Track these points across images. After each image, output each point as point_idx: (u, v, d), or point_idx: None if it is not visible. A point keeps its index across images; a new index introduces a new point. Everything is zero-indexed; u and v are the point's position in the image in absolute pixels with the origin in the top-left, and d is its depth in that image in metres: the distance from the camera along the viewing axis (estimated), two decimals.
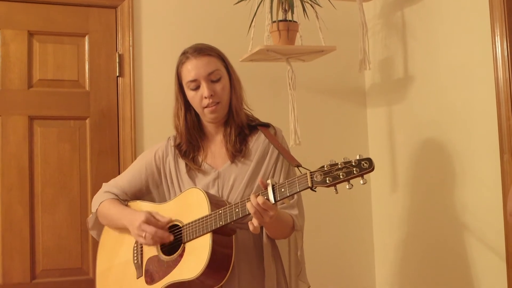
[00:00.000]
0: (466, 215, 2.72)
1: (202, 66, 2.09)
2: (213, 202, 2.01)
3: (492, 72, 2.54)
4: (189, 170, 2.18)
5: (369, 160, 1.71)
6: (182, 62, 2.14)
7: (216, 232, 1.95)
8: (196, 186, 2.12)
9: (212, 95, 2.08)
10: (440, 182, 2.88)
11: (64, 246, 2.93)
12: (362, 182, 1.71)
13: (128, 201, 2.26)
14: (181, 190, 2.17)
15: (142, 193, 2.27)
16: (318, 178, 1.74)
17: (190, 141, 2.19)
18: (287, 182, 1.80)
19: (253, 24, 2.87)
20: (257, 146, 2.15)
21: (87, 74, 3.03)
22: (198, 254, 1.95)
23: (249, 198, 1.85)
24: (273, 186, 1.82)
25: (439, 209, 2.87)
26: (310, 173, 1.76)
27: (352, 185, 1.73)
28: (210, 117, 2.13)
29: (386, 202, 3.28)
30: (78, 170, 2.98)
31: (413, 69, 3.05)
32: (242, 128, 2.17)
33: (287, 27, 2.81)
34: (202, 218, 1.98)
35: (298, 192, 1.79)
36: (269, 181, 1.83)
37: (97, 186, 2.46)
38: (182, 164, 2.19)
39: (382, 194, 3.31)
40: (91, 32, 3.04)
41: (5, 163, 2.88)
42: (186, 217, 2.04)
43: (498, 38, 2.50)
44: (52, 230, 2.92)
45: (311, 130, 3.24)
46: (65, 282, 2.92)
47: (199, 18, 3.17)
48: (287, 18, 2.82)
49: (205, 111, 2.12)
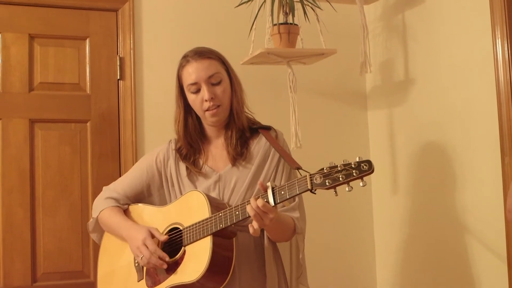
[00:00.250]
0: (467, 217, 2.71)
1: (203, 69, 2.09)
2: (213, 205, 2.01)
3: (493, 73, 2.54)
4: (189, 174, 2.18)
5: (368, 162, 1.70)
6: (182, 65, 2.14)
7: (216, 235, 1.95)
8: (196, 189, 2.12)
9: (212, 98, 2.08)
10: (441, 183, 2.87)
11: (65, 249, 2.93)
12: (361, 184, 1.70)
13: (129, 204, 2.26)
14: (181, 193, 2.17)
15: (143, 196, 2.27)
16: (318, 180, 1.74)
17: (191, 144, 2.19)
18: (287, 184, 1.80)
19: (254, 27, 2.87)
20: (258, 149, 2.15)
21: (88, 77, 3.03)
22: (198, 257, 1.95)
23: (249, 201, 1.85)
24: (273, 188, 1.82)
25: (440, 210, 2.87)
26: (310, 175, 1.76)
27: (351, 187, 1.73)
28: (211, 120, 2.13)
29: (387, 204, 3.28)
30: (79, 173, 2.98)
31: (414, 71, 3.05)
32: (243, 131, 2.16)
33: (288, 30, 2.81)
34: (203, 221, 1.97)
35: (297, 194, 1.79)
36: (269, 183, 1.83)
37: (98, 189, 2.46)
38: (183, 167, 2.19)
39: (383, 195, 3.30)
40: (92, 35, 3.05)
41: (6, 166, 2.88)
42: (186, 220, 2.04)
43: (499, 40, 2.50)
44: (53, 233, 2.92)
45: (312, 133, 3.24)
46: (66, 285, 2.91)
47: (200, 21, 3.17)
48: (288, 21, 2.82)
49: (206, 115, 2.12)
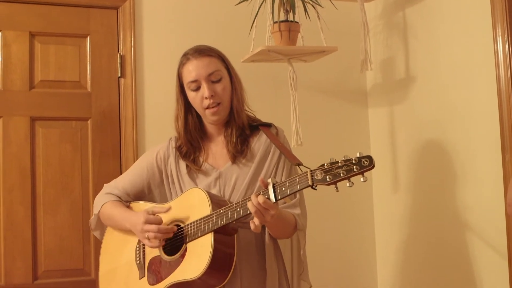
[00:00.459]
0: (467, 215, 2.71)
1: (203, 67, 2.09)
2: (214, 201, 2.01)
3: (493, 71, 2.53)
4: (189, 171, 2.18)
5: (369, 157, 1.70)
6: (183, 63, 2.14)
7: (217, 231, 1.95)
8: (197, 186, 2.12)
9: (212, 96, 2.08)
10: (441, 181, 2.87)
11: (65, 247, 2.93)
12: (362, 180, 1.70)
13: (129, 202, 2.26)
14: (182, 190, 2.16)
15: (143, 193, 2.27)
16: (319, 176, 1.74)
17: (191, 142, 2.19)
18: (288, 181, 1.80)
19: (254, 24, 2.87)
20: (258, 146, 2.15)
21: (89, 75, 3.03)
22: (200, 254, 1.95)
23: (250, 197, 1.85)
24: (273, 185, 1.82)
25: (441, 208, 2.87)
26: (311, 171, 1.76)
27: (352, 183, 1.72)
28: (211, 119, 2.13)
29: (387, 202, 3.28)
30: (79, 171, 2.98)
31: (414, 69, 3.05)
32: (243, 129, 2.16)
33: (289, 28, 2.81)
34: (204, 218, 1.97)
35: (298, 190, 1.79)
36: (269, 180, 1.83)
37: (98, 187, 2.46)
38: (183, 165, 2.19)
39: (383, 194, 3.30)
40: (93, 33, 3.04)
41: (6, 164, 2.88)
42: (187, 217, 2.04)
43: (500, 37, 2.50)
44: (53, 231, 2.92)
45: (313, 131, 3.24)
46: (67, 283, 2.91)
47: (201, 18, 3.17)
48: (289, 19, 2.82)
49: (206, 113, 2.12)
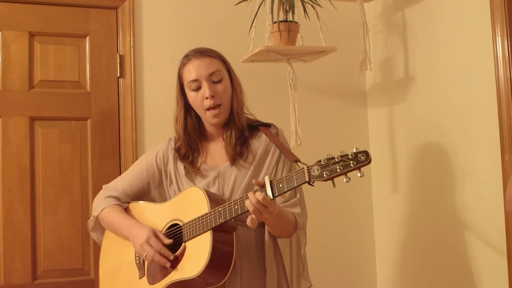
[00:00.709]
0: (467, 215, 2.71)
1: (204, 67, 2.09)
2: (212, 200, 2.01)
3: (493, 72, 2.54)
4: (187, 172, 2.18)
5: (365, 152, 1.71)
6: (183, 63, 2.14)
7: (216, 230, 1.95)
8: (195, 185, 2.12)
9: (213, 96, 2.08)
10: (441, 181, 2.87)
11: (65, 247, 2.93)
12: (359, 175, 1.71)
13: (129, 202, 2.26)
14: (180, 191, 2.16)
15: (143, 193, 2.27)
16: (316, 172, 1.74)
17: (190, 144, 2.18)
18: (285, 177, 1.80)
19: (254, 24, 2.87)
20: (258, 146, 2.15)
21: (88, 75, 3.03)
22: (199, 252, 1.95)
23: (247, 195, 1.85)
24: (271, 182, 1.82)
25: (440, 208, 2.87)
26: (307, 167, 1.76)
27: (349, 178, 1.73)
28: (212, 121, 2.13)
29: (387, 202, 3.28)
30: (79, 171, 2.98)
31: (414, 69, 3.05)
32: (242, 131, 2.16)
33: (288, 28, 2.81)
34: (202, 216, 1.98)
35: (296, 187, 1.79)
36: (266, 177, 1.83)
37: (98, 187, 2.46)
38: (181, 166, 2.19)
39: (383, 194, 3.31)
40: (92, 33, 3.05)
41: (6, 164, 2.88)
42: (186, 216, 2.04)
43: (499, 37, 2.50)
44: (53, 231, 2.92)
45: (312, 131, 3.24)
46: (66, 282, 2.91)
47: (200, 18, 3.17)
48: (288, 19, 2.82)
49: (207, 114, 2.11)
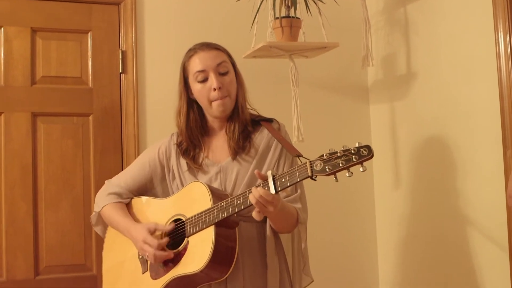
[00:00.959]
0: (469, 211, 2.71)
1: (211, 58, 2.09)
2: (215, 195, 2.01)
3: (495, 68, 2.53)
4: (190, 168, 2.18)
5: (368, 147, 1.71)
6: (189, 56, 2.14)
7: (219, 225, 1.95)
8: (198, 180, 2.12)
9: (220, 88, 2.08)
10: (442, 178, 2.87)
11: (67, 243, 2.93)
12: (361, 169, 1.71)
13: (131, 198, 2.26)
14: (183, 186, 2.16)
15: (146, 189, 2.27)
16: (318, 167, 1.74)
17: (191, 139, 2.18)
18: (287, 172, 1.81)
19: (256, 20, 2.87)
20: (260, 140, 2.15)
21: (90, 70, 3.03)
22: (201, 247, 1.95)
23: (250, 189, 1.86)
24: (273, 176, 1.83)
25: (442, 204, 2.87)
26: (310, 162, 1.76)
27: (352, 173, 1.73)
28: (217, 111, 2.11)
29: (389, 198, 3.28)
30: (81, 167, 2.98)
31: (416, 65, 3.05)
32: (245, 125, 2.16)
33: (290, 24, 2.81)
34: (205, 211, 1.98)
35: (298, 181, 1.80)
36: (269, 172, 1.84)
37: (100, 183, 2.46)
38: (184, 162, 2.19)
39: (385, 190, 3.31)
40: (94, 28, 3.05)
41: (8, 160, 2.88)
42: (189, 211, 2.04)
43: (501, 33, 2.50)
44: (55, 227, 2.92)
45: (314, 127, 3.24)
46: (68, 278, 2.92)
47: (202, 14, 3.17)
48: (290, 15, 2.82)
49: (213, 105, 2.11)
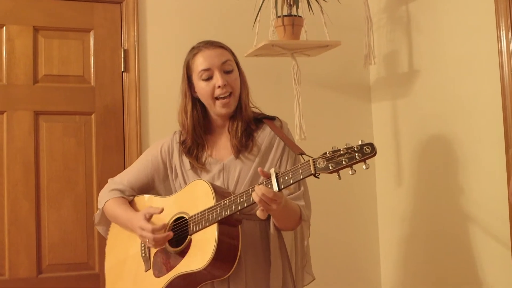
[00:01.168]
0: (471, 208, 2.71)
1: (216, 56, 2.10)
2: (218, 193, 2.01)
3: (497, 65, 2.53)
4: (193, 166, 2.17)
5: (371, 145, 1.71)
6: (194, 54, 2.14)
7: (222, 222, 1.95)
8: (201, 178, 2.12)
9: (225, 85, 2.08)
10: (445, 175, 2.87)
11: (70, 241, 2.93)
12: (364, 167, 1.71)
13: (134, 196, 2.26)
14: (186, 184, 2.16)
15: (148, 187, 2.27)
16: (321, 164, 1.74)
17: (195, 138, 2.18)
18: (290, 170, 1.81)
19: (258, 19, 2.87)
20: (262, 138, 2.15)
21: (92, 69, 3.04)
22: (204, 245, 1.95)
23: (253, 187, 1.86)
24: (276, 174, 1.83)
25: (445, 202, 2.87)
26: (313, 160, 1.76)
27: (355, 170, 1.73)
28: (221, 110, 2.11)
29: (391, 196, 3.28)
30: (83, 165, 2.98)
31: (418, 63, 3.05)
32: (248, 123, 2.16)
33: (292, 22, 2.81)
34: (208, 209, 1.98)
35: (301, 179, 1.80)
36: (272, 170, 1.84)
37: (102, 181, 2.46)
38: (186, 160, 2.19)
39: (387, 188, 3.31)
40: (96, 27, 3.05)
41: (10, 159, 2.88)
42: (192, 209, 2.05)
43: (503, 31, 2.50)
44: (58, 225, 2.92)
45: (316, 125, 3.24)
46: (71, 276, 2.92)
47: (204, 12, 3.17)
48: (292, 13, 2.82)
49: (216, 104, 2.11)
